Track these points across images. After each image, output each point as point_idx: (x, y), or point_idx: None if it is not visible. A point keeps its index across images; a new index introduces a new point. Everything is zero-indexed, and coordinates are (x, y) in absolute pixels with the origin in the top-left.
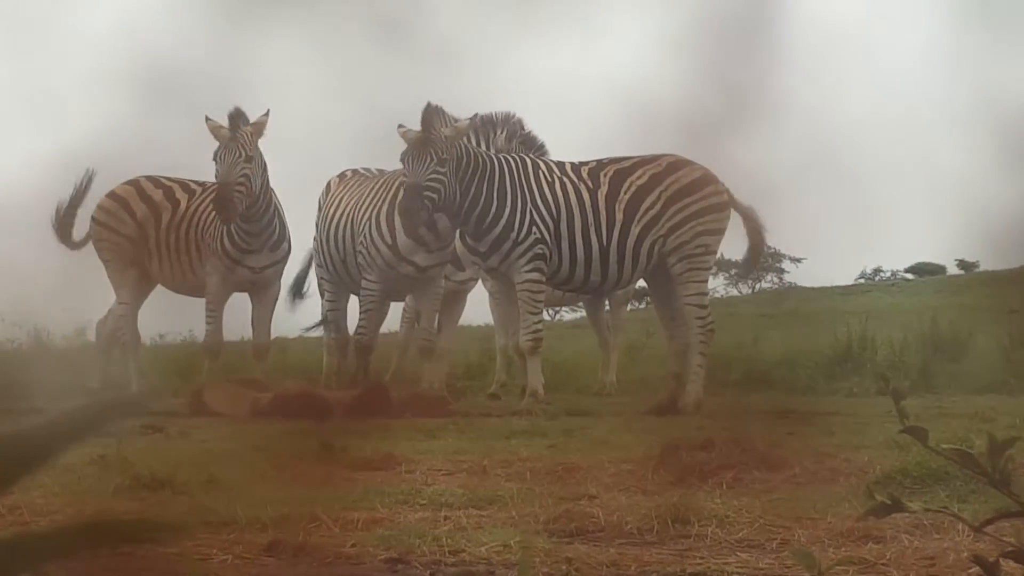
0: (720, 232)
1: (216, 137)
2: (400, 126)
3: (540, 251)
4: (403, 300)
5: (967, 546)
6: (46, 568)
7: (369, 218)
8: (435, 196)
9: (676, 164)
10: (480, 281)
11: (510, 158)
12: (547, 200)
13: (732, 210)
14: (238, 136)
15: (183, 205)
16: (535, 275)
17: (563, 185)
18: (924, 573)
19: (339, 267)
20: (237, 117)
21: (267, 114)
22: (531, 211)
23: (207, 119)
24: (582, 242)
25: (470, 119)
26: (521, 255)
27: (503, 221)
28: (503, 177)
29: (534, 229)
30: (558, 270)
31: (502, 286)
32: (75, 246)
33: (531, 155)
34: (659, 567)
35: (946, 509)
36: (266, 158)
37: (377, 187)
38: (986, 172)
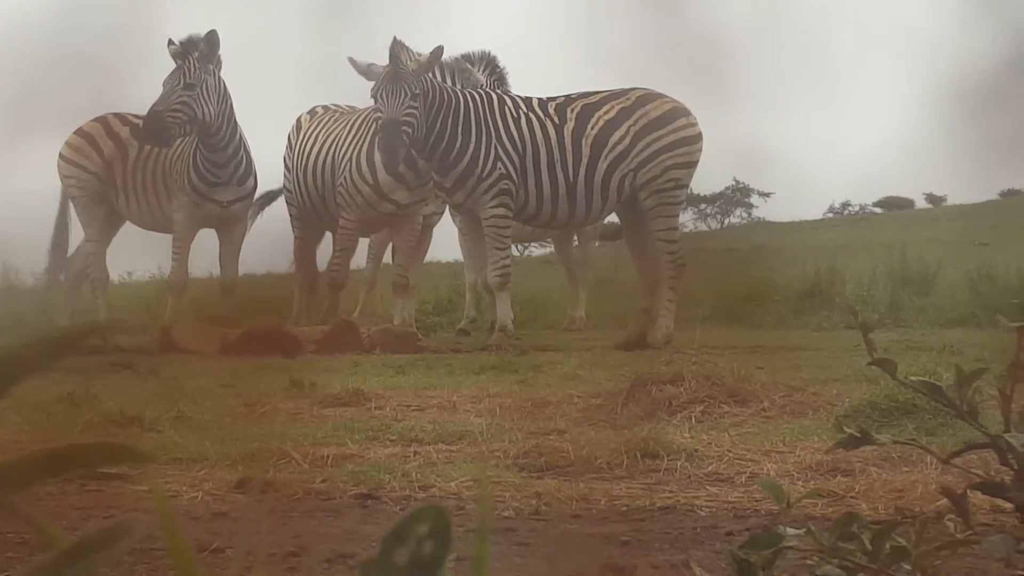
0: (691, 165)
1: (175, 61)
2: (351, 59)
3: (505, 186)
4: (369, 236)
5: (935, 478)
6: (10, 498)
7: (350, 157)
8: (410, 131)
9: (645, 97)
10: (445, 216)
11: (476, 93)
12: (512, 136)
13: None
14: (185, 64)
15: None
16: (501, 211)
17: (529, 121)
18: (892, 505)
19: (316, 204)
20: (189, 44)
21: (209, 36)
22: (496, 146)
23: (169, 43)
24: (548, 178)
25: (432, 52)
26: (486, 191)
27: (467, 156)
28: (468, 112)
29: (499, 164)
30: (525, 206)
31: (470, 222)
32: None
33: (497, 91)
34: (628, 501)
35: (914, 441)
36: None
37: (356, 125)
38: (952, 25)
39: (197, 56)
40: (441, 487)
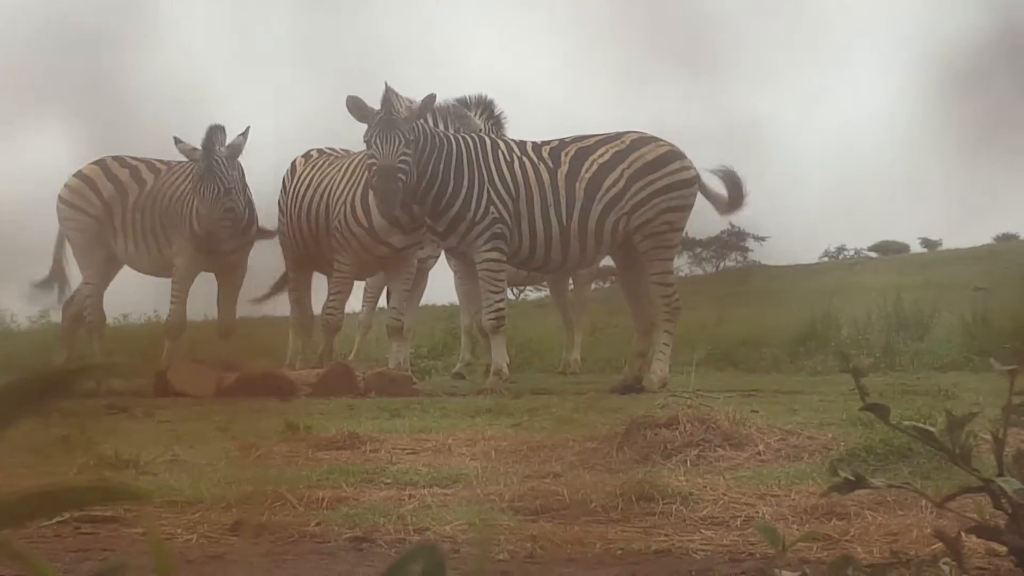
0: (686, 209)
1: (189, 159)
2: (352, 98)
3: (499, 230)
4: (364, 280)
5: (930, 522)
6: (5, 536)
7: (344, 201)
8: (404, 177)
9: (640, 141)
10: (441, 259)
11: (468, 138)
12: (505, 179)
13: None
14: (214, 166)
15: (149, 184)
16: (494, 254)
17: (522, 164)
18: (887, 549)
19: (310, 247)
20: (212, 139)
21: (245, 133)
22: (488, 190)
23: (177, 141)
24: (542, 221)
25: (424, 100)
26: (479, 235)
27: (460, 200)
28: (460, 157)
29: (492, 208)
30: (519, 250)
31: (465, 265)
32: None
33: (491, 135)
34: (624, 544)
35: (909, 485)
36: None
37: (350, 168)
38: (947, 7)
39: (226, 154)
40: (436, 530)
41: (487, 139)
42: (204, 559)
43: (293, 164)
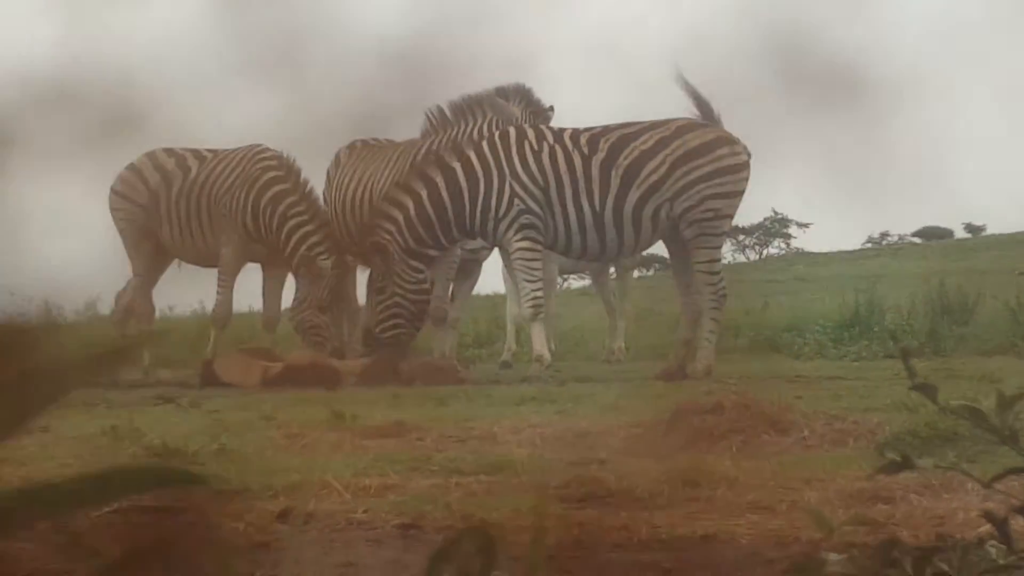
0: (732, 195)
1: None
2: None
3: (527, 220)
4: None
5: (976, 505)
6: (64, 519)
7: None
8: (400, 312)
9: (686, 127)
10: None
11: (484, 144)
12: (531, 170)
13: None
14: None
15: (194, 172)
16: (526, 243)
17: (552, 152)
18: (933, 532)
19: (354, 238)
20: None
21: None
22: (511, 184)
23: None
24: (574, 208)
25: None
26: (508, 227)
27: (479, 206)
28: (471, 173)
29: (516, 200)
30: (556, 238)
31: (509, 256)
32: None
33: (520, 124)
34: (669, 530)
35: (956, 466)
36: None
37: (393, 159)
38: None
39: None
40: (482, 517)
41: (512, 131)
42: (251, 547)
43: (337, 155)
